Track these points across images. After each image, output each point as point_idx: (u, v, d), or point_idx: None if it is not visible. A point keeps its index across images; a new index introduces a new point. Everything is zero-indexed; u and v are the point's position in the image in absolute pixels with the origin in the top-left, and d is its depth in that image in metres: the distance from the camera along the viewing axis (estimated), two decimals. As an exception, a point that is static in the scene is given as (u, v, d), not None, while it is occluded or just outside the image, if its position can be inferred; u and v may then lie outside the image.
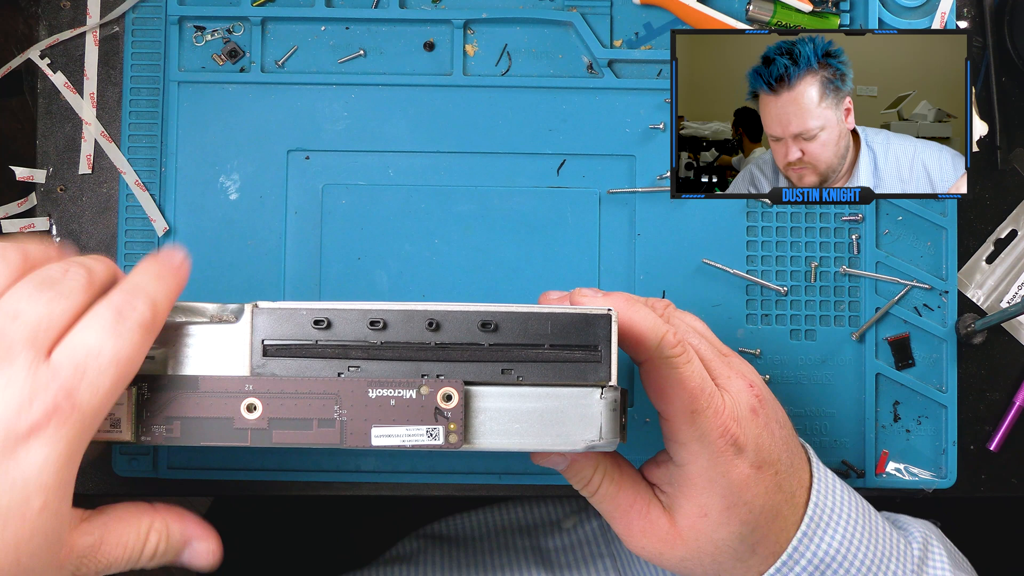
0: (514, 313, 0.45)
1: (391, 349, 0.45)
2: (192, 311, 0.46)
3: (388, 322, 0.45)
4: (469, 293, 0.67)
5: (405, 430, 0.44)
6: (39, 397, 0.40)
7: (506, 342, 0.45)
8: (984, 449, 0.69)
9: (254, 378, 0.44)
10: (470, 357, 0.45)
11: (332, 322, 0.45)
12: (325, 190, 0.67)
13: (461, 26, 0.68)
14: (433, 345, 0.45)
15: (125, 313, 0.42)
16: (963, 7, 0.70)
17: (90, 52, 0.68)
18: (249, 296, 0.67)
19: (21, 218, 0.67)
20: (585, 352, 0.45)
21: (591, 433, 0.45)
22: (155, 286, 0.44)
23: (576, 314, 0.45)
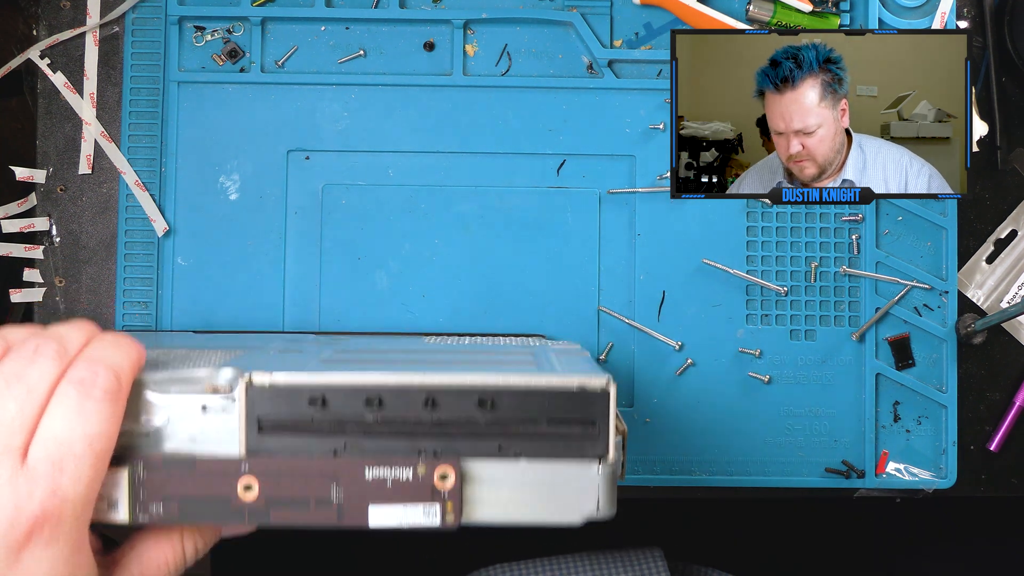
0: (511, 389, 0.44)
1: (387, 425, 0.44)
2: (185, 380, 0.45)
3: (383, 399, 0.44)
4: (469, 293, 0.67)
5: (402, 509, 0.44)
6: (26, 506, 0.40)
7: (503, 418, 0.44)
8: (984, 449, 0.69)
9: (250, 458, 0.44)
10: (467, 433, 0.44)
11: (327, 399, 0.44)
12: (325, 190, 0.67)
13: (461, 26, 0.68)
14: (430, 422, 0.44)
15: (88, 387, 0.42)
16: (963, 7, 0.70)
17: (90, 52, 0.68)
18: (249, 298, 0.67)
19: (21, 218, 0.67)
20: (583, 427, 0.44)
21: (589, 506, 0.44)
22: (114, 353, 0.44)
23: (574, 390, 0.44)
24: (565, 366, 0.49)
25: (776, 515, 0.98)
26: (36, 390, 0.41)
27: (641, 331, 0.67)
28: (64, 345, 0.43)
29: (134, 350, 0.44)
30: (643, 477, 0.67)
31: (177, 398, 0.44)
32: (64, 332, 0.44)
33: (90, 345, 0.44)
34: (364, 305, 0.67)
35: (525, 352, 0.54)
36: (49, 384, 0.42)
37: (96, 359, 0.43)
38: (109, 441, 0.42)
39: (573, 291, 0.67)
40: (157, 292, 0.67)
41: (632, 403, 0.67)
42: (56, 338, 0.43)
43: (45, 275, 0.67)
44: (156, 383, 0.44)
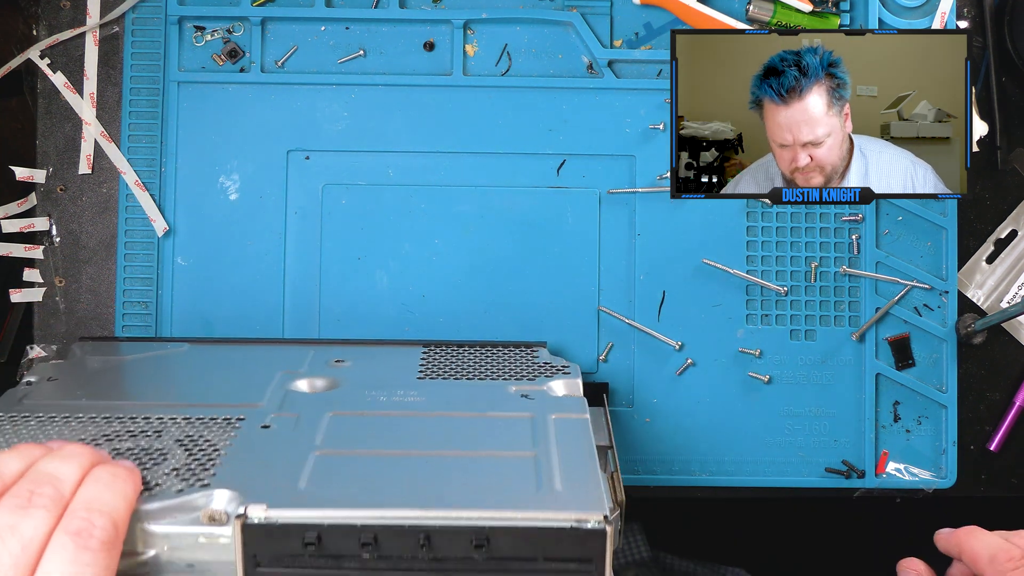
0: (507, 529, 0.43)
1: (384, 561, 0.44)
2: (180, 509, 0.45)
3: (379, 538, 0.43)
4: (469, 294, 0.67)
5: None
6: None
7: (499, 555, 0.44)
8: (984, 449, 0.69)
9: None
10: (463, 569, 0.44)
11: (322, 538, 0.43)
12: (325, 190, 0.67)
13: (461, 26, 0.68)
14: (426, 559, 0.44)
15: (85, 538, 0.41)
16: (963, 7, 0.70)
17: (90, 52, 0.68)
18: (249, 298, 0.67)
19: (21, 218, 0.67)
20: (579, 564, 0.44)
21: None
22: (110, 496, 0.43)
23: (569, 529, 0.43)
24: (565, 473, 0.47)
25: (776, 515, 0.98)
26: (31, 543, 0.41)
27: (641, 331, 0.67)
28: (59, 488, 0.43)
29: (130, 487, 0.44)
30: (643, 477, 0.67)
31: (174, 529, 0.44)
32: (58, 471, 0.44)
33: (85, 486, 0.43)
34: (364, 305, 0.67)
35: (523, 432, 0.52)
36: (44, 535, 0.41)
37: (92, 506, 0.42)
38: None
39: (573, 291, 0.67)
40: (157, 292, 0.67)
41: (632, 403, 0.67)
42: (50, 480, 0.43)
43: (45, 275, 0.67)
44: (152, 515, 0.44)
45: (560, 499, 0.45)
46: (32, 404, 0.54)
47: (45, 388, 0.57)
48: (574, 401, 0.56)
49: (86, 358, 0.62)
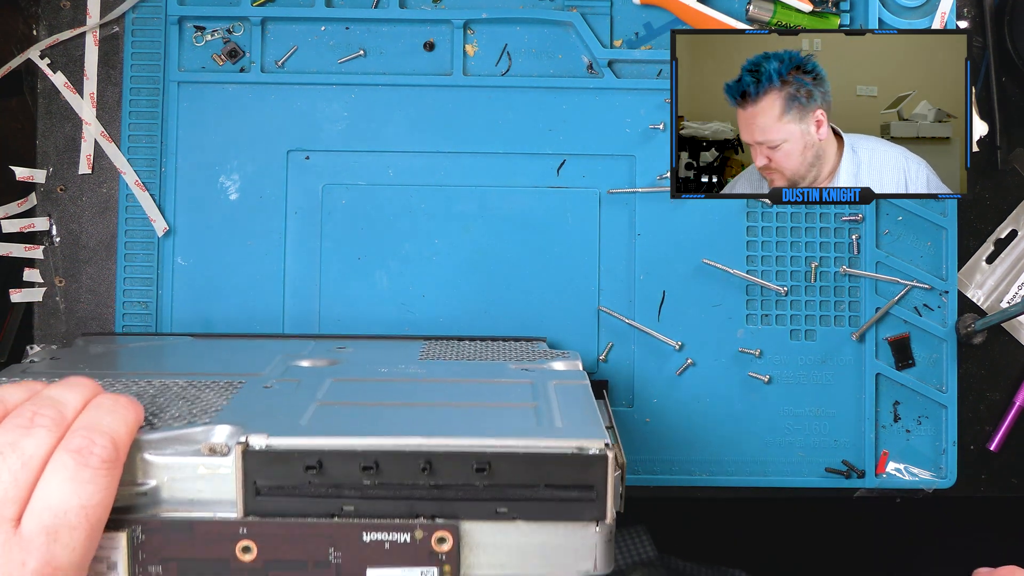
0: (508, 454, 0.44)
1: (385, 488, 0.44)
2: (182, 440, 0.45)
3: (380, 464, 0.44)
4: (469, 293, 0.67)
5: (400, 572, 0.44)
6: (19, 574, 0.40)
7: (501, 482, 0.44)
8: (984, 449, 0.69)
9: (248, 520, 0.44)
10: (465, 496, 0.44)
11: (323, 464, 0.43)
12: (325, 190, 0.67)
13: (461, 26, 0.68)
14: (427, 486, 0.44)
15: (85, 455, 0.42)
16: (963, 7, 0.70)
17: (90, 52, 0.68)
18: (249, 298, 0.67)
19: (21, 218, 0.67)
20: (581, 491, 0.44)
21: (586, 565, 0.44)
22: (111, 419, 0.43)
23: (571, 455, 0.44)
24: (565, 414, 0.48)
25: (776, 515, 0.98)
26: (31, 460, 0.41)
27: (641, 331, 0.67)
28: (61, 411, 0.43)
29: (131, 414, 0.44)
30: (643, 477, 0.67)
31: (174, 460, 0.44)
32: (61, 396, 0.44)
33: (87, 410, 0.44)
34: (364, 305, 0.67)
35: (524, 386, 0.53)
36: (45, 453, 0.42)
37: (93, 427, 0.43)
38: (104, 510, 0.42)
39: (573, 291, 0.67)
40: (157, 292, 0.67)
41: (632, 403, 0.67)
42: (53, 404, 0.43)
43: (45, 275, 0.67)
44: (153, 444, 0.44)
45: (561, 432, 0.45)
46: (35, 373, 0.55)
47: (47, 364, 0.58)
48: (574, 373, 0.56)
49: (88, 346, 0.63)
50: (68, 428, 0.43)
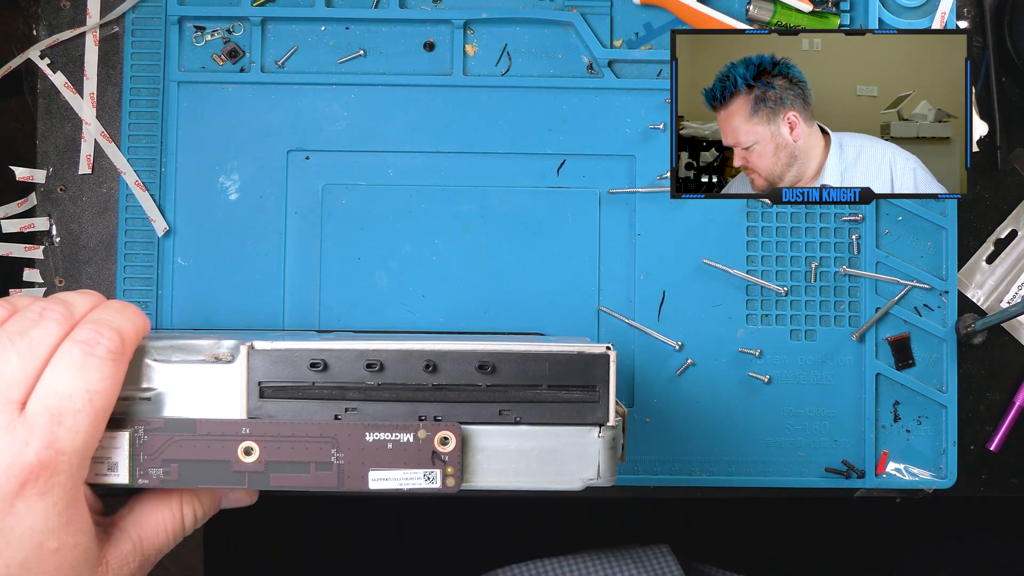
0: (511, 353, 0.45)
1: (388, 390, 0.44)
2: (187, 349, 0.45)
3: (384, 363, 0.44)
4: (469, 293, 0.67)
5: (403, 473, 0.44)
6: (23, 455, 0.40)
7: (503, 383, 0.45)
8: (984, 449, 0.69)
9: (251, 421, 0.44)
10: (467, 398, 0.44)
11: (328, 364, 0.44)
12: (325, 190, 0.67)
13: (461, 26, 0.68)
14: (430, 386, 0.44)
15: (92, 345, 0.42)
16: (963, 7, 0.70)
17: (90, 52, 0.68)
18: (249, 298, 0.67)
19: (21, 218, 0.67)
20: (583, 392, 0.45)
21: (589, 471, 0.45)
22: (119, 318, 0.44)
23: (574, 354, 0.45)
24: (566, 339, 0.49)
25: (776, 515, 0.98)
26: (39, 347, 0.42)
27: (641, 331, 0.67)
28: (70, 309, 0.44)
29: (139, 317, 0.45)
30: (643, 477, 0.67)
31: (179, 366, 0.45)
32: (71, 298, 0.45)
33: (98, 308, 0.45)
34: (364, 305, 0.67)
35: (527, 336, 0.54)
36: (53, 342, 0.43)
37: (101, 321, 0.44)
38: (109, 400, 0.43)
39: (573, 291, 0.67)
40: (157, 292, 0.67)
41: (632, 403, 0.67)
42: (63, 302, 0.44)
43: (45, 275, 0.67)
44: (158, 350, 0.45)
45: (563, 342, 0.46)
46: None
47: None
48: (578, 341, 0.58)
49: None
50: (76, 324, 0.44)
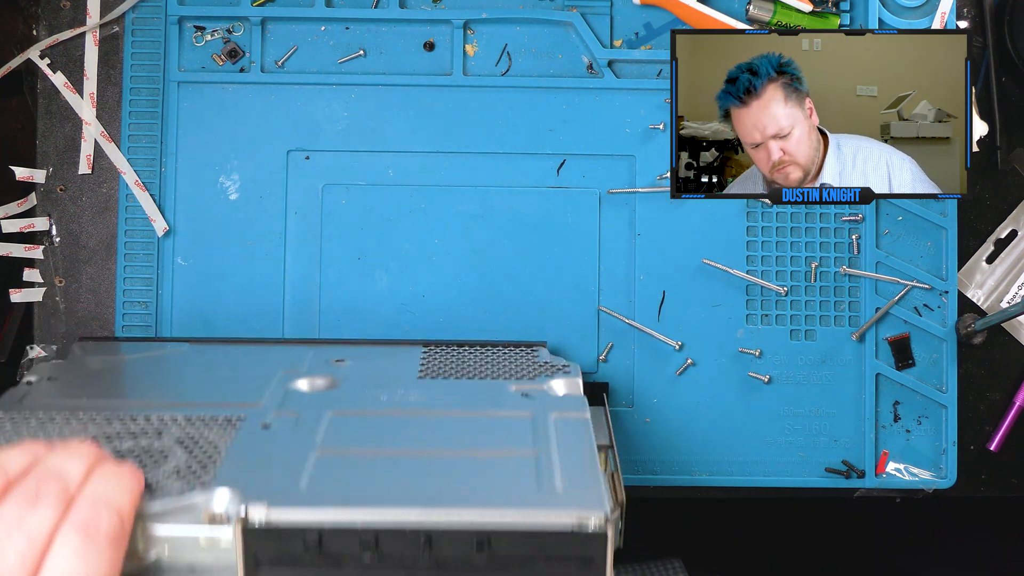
0: (509, 531, 0.44)
1: (385, 563, 0.44)
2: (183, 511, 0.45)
3: (380, 541, 0.43)
4: (469, 293, 0.67)
5: None
6: None
7: (501, 557, 0.44)
8: (984, 449, 0.69)
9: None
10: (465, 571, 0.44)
11: (323, 540, 0.43)
12: (325, 190, 0.67)
13: (461, 26, 0.68)
14: (428, 562, 0.44)
15: (91, 530, 0.42)
16: (963, 7, 0.70)
17: (90, 52, 0.68)
18: (249, 298, 0.67)
19: (21, 218, 0.67)
20: (580, 565, 0.44)
21: None
22: (117, 493, 0.43)
23: (572, 532, 0.44)
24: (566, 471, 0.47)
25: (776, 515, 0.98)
26: (37, 538, 0.41)
27: (641, 331, 0.67)
28: (65, 482, 0.43)
29: (135, 483, 0.44)
30: (643, 477, 0.67)
31: (175, 528, 0.44)
32: (63, 465, 0.44)
33: (91, 480, 0.44)
34: (364, 305, 0.67)
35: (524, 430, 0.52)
36: (50, 528, 0.42)
37: (98, 500, 0.43)
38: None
39: (573, 291, 0.67)
40: (157, 292, 0.67)
41: (632, 403, 0.67)
42: (56, 475, 0.43)
43: (45, 275, 0.67)
44: (155, 515, 0.44)
45: (561, 499, 0.45)
46: (32, 403, 0.54)
47: (45, 388, 0.57)
48: (574, 400, 0.56)
49: (86, 358, 0.62)
50: (72, 500, 0.43)
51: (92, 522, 0.42)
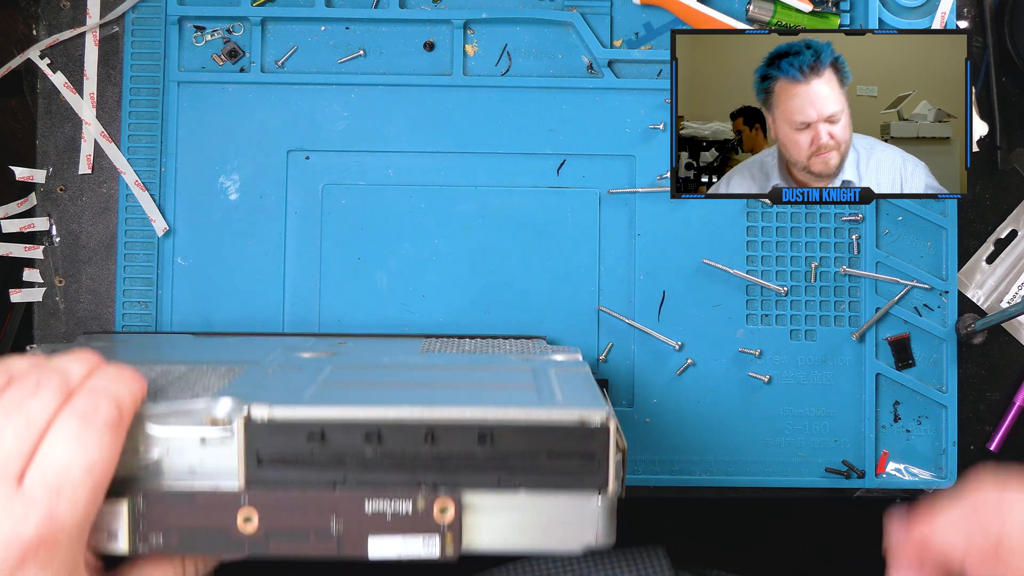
0: (511, 426, 0.44)
1: (387, 459, 0.44)
2: (184, 413, 0.45)
3: (383, 434, 0.44)
4: (469, 293, 0.67)
5: (402, 541, 0.44)
6: (22, 529, 0.40)
7: (502, 452, 0.44)
8: (984, 449, 0.69)
9: (249, 491, 0.44)
10: (467, 466, 0.44)
11: (326, 435, 0.44)
12: (325, 190, 0.67)
13: (461, 26, 0.68)
14: (429, 456, 0.44)
15: (90, 417, 0.42)
16: (963, 7, 0.70)
17: (90, 52, 0.68)
18: (249, 298, 0.67)
19: (21, 218, 0.67)
20: (583, 461, 0.44)
21: (588, 535, 0.44)
22: (117, 386, 0.44)
23: (573, 427, 0.44)
24: (566, 392, 0.48)
25: (776, 515, 0.98)
26: (35, 421, 0.42)
27: (641, 331, 0.67)
28: (66, 378, 0.43)
29: (136, 383, 0.45)
30: (643, 477, 0.67)
31: (176, 430, 0.44)
32: (67, 365, 0.44)
33: (93, 376, 0.44)
34: (364, 305, 0.67)
35: (525, 372, 0.53)
36: (50, 414, 0.42)
37: (98, 390, 0.43)
38: (107, 471, 0.42)
39: (573, 291, 0.67)
40: (157, 292, 0.67)
41: (632, 403, 0.67)
42: (59, 371, 0.44)
43: (45, 275, 0.67)
44: (155, 416, 0.45)
45: (562, 404, 0.46)
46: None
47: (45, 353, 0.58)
48: (574, 362, 0.57)
49: (90, 342, 0.63)
50: (72, 393, 0.43)
51: (91, 410, 0.42)
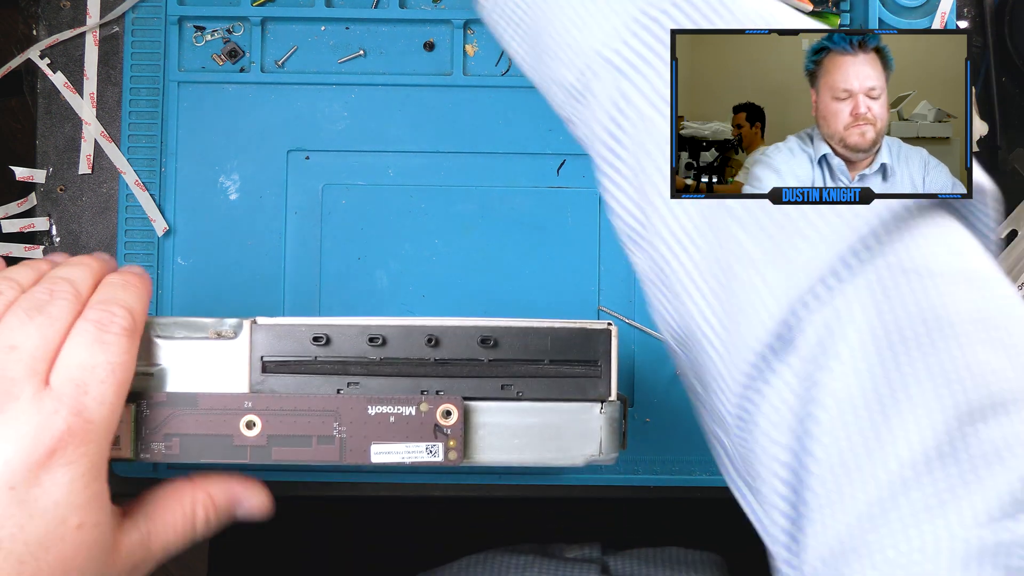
0: (513, 328, 0.45)
1: (390, 365, 0.45)
2: (190, 326, 0.46)
3: (387, 338, 0.45)
4: (469, 293, 0.67)
5: (404, 447, 0.44)
6: (51, 422, 0.40)
7: (506, 357, 0.45)
8: (984, 449, 0.69)
9: (253, 395, 0.45)
10: (469, 373, 0.45)
11: (331, 338, 0.45)
12: (325, 190, 0.67)
13: (461, 26, 0.68)
14: (432, 361, 0.45)
15: (105, 324, 0.43)
16: (963, 7, 0.70)
17: (90, 52, 0.68)
18: (249, 298, 0.67)
19: (21, 218, 0.67)
20: (585, 367, 0.45)
21: (591, 448, 0.45)
22: (125, 294, 0.45)
23: (576, 329, 0.45)
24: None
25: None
26: (57, 321, 0.42)
27: (641, 331, 0.67)
28: (76, 288, 0.44)
29: (144, 288, 0.46)
30: (643, 477, 0.67)
31: (182, 343, 0.46)
32: (73, 274, 0.45)
33: (101, 288, 0.45)
34: (364, 305, 0.67)
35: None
36: (69, 318, 0.43)
37: (110, 300, 0.44)
38: (129, 372, 0.43)
39: (573, 291, 0.67)
40: (157, 292, 0.67)
41: (632, 403, 0.67)
42: (67, 282, 0.44)
43: (45, 275, 0.67)
44: (162, 327, 0.46)
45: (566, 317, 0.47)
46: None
47: None
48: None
49: None
50: (85, 304, 0.44)
51: (106, 318, 0.43)
